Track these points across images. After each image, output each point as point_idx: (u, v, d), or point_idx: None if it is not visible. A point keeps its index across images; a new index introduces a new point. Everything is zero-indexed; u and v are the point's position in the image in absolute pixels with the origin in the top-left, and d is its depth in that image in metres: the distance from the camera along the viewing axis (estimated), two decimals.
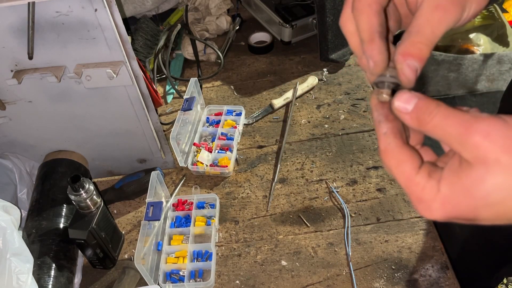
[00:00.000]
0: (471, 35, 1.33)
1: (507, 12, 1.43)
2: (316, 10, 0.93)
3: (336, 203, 0.77)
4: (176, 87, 0.97)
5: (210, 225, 0.73)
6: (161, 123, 0.87)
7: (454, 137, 0.30)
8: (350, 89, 0.96)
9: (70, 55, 0.63)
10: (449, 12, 0.33)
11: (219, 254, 0.72)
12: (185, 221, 0.74)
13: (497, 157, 0.28)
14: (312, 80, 0.97)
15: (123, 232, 0.76)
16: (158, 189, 0.73)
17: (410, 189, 0.31)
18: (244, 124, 0.91)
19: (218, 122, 0.89)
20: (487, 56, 1.30)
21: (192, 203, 0.76)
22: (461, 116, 0.30)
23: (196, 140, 0.86)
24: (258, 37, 1.09)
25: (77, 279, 0.69)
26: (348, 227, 0.73)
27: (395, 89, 0.34)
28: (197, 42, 1.04)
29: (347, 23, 0.36)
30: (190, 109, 0.81)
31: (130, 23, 1.07)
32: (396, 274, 0.67)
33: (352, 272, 0.67)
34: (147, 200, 0.68)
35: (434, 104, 0.30)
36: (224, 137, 0.86)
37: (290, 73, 1.02)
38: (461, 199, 0.29)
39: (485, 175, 0.28)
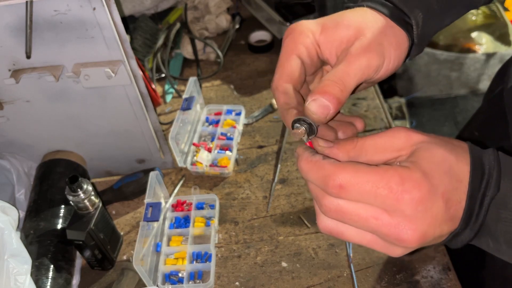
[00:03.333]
0: (473, 34, 1.33)
1: (508, 10, 1.43)
2: (316, 9, 0.93)
3: None
4: (175, 86, 0.97)
5: (209, 226, 0.73)
6: (160, 123, 0.87)
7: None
8: None
9: (68, 54, 0.63)
10: (359, 57, 0.37)
11: (219, 255, 0.71)
12: (184, 222, 0.74)
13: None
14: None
15: (122, 233, 0.75)
16: (157, 190, 0.73)
17: (388, 181, 0.32)
18: (244, 124, 0.90)
19: (217, 122, 0.88)
20: (489, 55, 1.30)
21: (191, 204, 0.76)
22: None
23: (195, 140, 0.85)
24: (258, 36, 1.08)
25: (75, 281, 0.69)
26: None
27: (311, 128, 0.37)
28: (196, 41, 1.04)
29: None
30: (190, 109, 0.81)
31: (129, 22, 1.06)
32: (397, 276, 0.67)
33: (353, 273, 0.67)
34: (146, 200, 0.68)
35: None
36: (223, 137, 0.85)
37: None
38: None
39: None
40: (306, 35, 0.40)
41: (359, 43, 0.38)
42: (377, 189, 0.31)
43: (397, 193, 0.31)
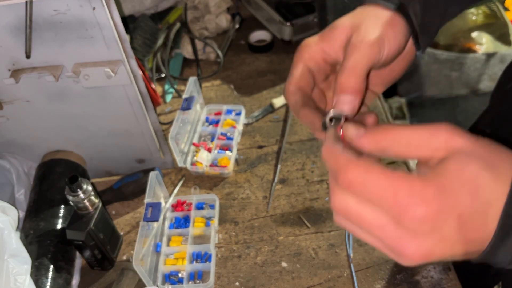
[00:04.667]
0: (473, 34, 1.33)
1: (509, 10, 1.43)
2: (316, 9, 0.93)
3: None
4: (175, 86, 0.97)
5: (209, 226, 0.73)
6: (160, 123, 0.87)
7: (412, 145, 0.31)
8: None
9: (68, 54, 0.62)
10: (363, 46, 0.39)
11: (219, 255, 0.71)
12: (184, 222, 0.74)
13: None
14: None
15: (122, 233, 0.75)
16: (157, 190, 0.72)
17: (396, 191, 0.30)
18: (244, 124, 0.90)
19: (217, 122, 0.88)
20: (489, 55, 1.30)
21: (191, 204, 0.76)
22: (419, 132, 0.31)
23: (195, 140, 0.85)
24: (258, 35, 1.08)
25: (75, 281, 0.69)
26: None
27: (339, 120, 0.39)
28: (196, 41, 1.04)
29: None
30: (190, 109, 0.81)
31: (128, 21, 1.06)
32: (397, 276, 0.66)
33: (354, 273, 0.67)
34: (146, 200, 0.68)
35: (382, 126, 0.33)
36: (223, 137, 0.85)
37: None
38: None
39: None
40: (309, 45, 0.43)
41: (356, 34, 0.40)
42: (383, 195, 0.29)
43: (402, 205, 0.29)
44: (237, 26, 1.09)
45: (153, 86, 0.93)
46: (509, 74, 0.71)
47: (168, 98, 0.98)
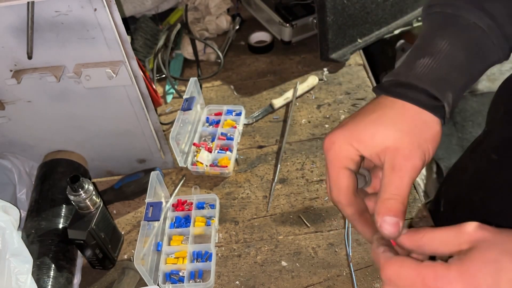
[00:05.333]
0: None
1: None
2: (316, 10, 0.93)
3: None
4: (175, 87, 0.97)
5: (210, 225, 0.73)
6: (161, 123, 0.87)
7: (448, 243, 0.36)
8: (351, 89, 0.96)
9: (70, 54, 0.63)
10: (405, 167, 0.40)
11: (219, 254, 0.72)
12: (185, 221, 0.74)
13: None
14: (312, 80, 0.96)
15: (123, 233, 0.76)
16: (157, 190, 0.73)
17: (424, 277, 0.35)
18: (244, 124, 0.91)
19: (218, 122, 0.88)
20: None
21: (191, 204, 0.76)
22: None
23: (195, 140, 0.85)
24: (258, 36, 1.09)
25: (77, 280, 0.69)
26: (348, 227, 0.73)
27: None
28: (196, 41, 1.04)
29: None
30: (190, 109, 0.81)
31: (129, 22, 1.07)
32: None
33: (353, 272, 0.67)
34: (147, 200, 0.68)
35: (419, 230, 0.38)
36: (224, 137, 0.86)
37: (290, 73, 1.01)
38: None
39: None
40: (340, 145, 0.43)
41: (401, 153, 0.41)
42: (415, 282, 0.35)
43: None
44: (237, 27, 1.09)
45: (153, 86, 0.93)
46: (503, 98, 0.69)
47: (169, 98, 0.98)
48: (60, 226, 0.69)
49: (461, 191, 0.71)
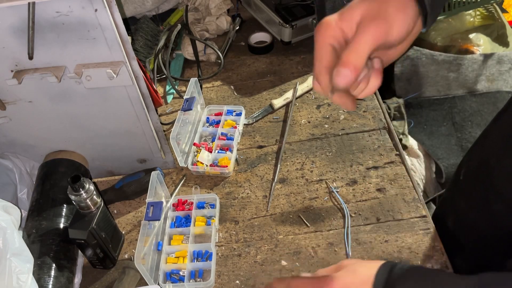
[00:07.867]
0: (471, 35, 1.33)
1: (507, 12, 1.44)
2: (316, 10, 0.93)
3: (336, 203, 0.77)
4: (176, 87, 0.98)
5: (210, 225, 0.74)
6: (161, 123, 0.87)
7: None
8: None
9: (70, 55, 0.63)
10: (368, 27, 0.43)
11: (219, 254, 0.72)
12: (185, 221, 0.74)
13: None
14: (312, 80, 0.96)
15: (123, 232, 0.76)
16: (158, 189, 0.73)
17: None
18: (244, 124, 0.91)
19: (218, 122, 0.89)
20: (487, 56, 1.30)
21: (192, 203, 0.76)
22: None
23: (196, 140, 0.86)
24: (258, 37, 1.09)
25: (77, 279, 0.69)
26: (348, 227, 0.73)
27: None
28: (197, 42, 1.05)
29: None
30: (190, 109, 0.81)
31: (130, 23, 1.07)
32: None
33: None
34: (147, 200, 0.68)
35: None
36: (224, 137, 0.86)
37: (290, 73, 1.02)
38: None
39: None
40: (330, 24, 0.46)
41: (368, 17, 0.44)
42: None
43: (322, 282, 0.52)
44: (237, 27, 1.09)
45: (154, 87, 0.93)
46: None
47: (169, 98, 0.98)
48: (61, 225, 0.70)
49: (482, 156, 0.71)
